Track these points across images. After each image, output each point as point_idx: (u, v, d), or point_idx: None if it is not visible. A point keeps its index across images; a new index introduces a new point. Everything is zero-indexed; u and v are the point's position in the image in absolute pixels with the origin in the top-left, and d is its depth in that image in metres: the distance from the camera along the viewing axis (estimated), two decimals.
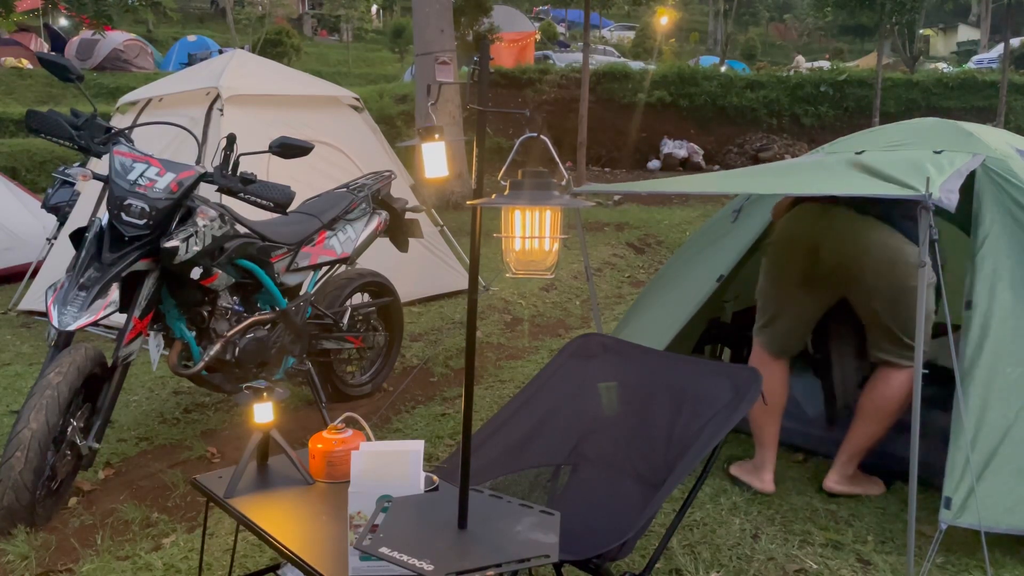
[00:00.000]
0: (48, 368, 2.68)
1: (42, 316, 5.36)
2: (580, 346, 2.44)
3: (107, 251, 2.70)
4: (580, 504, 2.12)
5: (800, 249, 2.80)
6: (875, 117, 12.97)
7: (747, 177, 2.81)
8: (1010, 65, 14.18)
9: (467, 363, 1.61)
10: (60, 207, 5.99)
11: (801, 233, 2.80)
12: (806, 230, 2.79)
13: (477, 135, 1.63)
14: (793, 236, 2.82)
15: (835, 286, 2.81)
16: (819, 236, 2.75)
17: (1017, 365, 2.46)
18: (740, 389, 2.07)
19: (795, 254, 2.82)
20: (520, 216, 1.58)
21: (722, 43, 27.21)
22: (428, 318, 5.30)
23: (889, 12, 13.42)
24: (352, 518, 1.63)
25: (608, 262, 7.03)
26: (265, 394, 2.03)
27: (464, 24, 14.23)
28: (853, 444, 2.86)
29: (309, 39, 29.42)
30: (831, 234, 2.72)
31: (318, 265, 3.44)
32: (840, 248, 2.71)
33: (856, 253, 2.69)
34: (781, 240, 2.87)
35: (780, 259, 2.88)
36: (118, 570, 2.47)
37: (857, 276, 2.72)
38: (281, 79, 5.11)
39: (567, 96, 14.12)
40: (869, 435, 2.82)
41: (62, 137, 2.83)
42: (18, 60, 19.80)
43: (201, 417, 3.77)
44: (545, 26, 28.63)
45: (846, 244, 2.70)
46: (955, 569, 2.45)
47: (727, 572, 2.43)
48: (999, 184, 2.66)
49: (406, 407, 3.89)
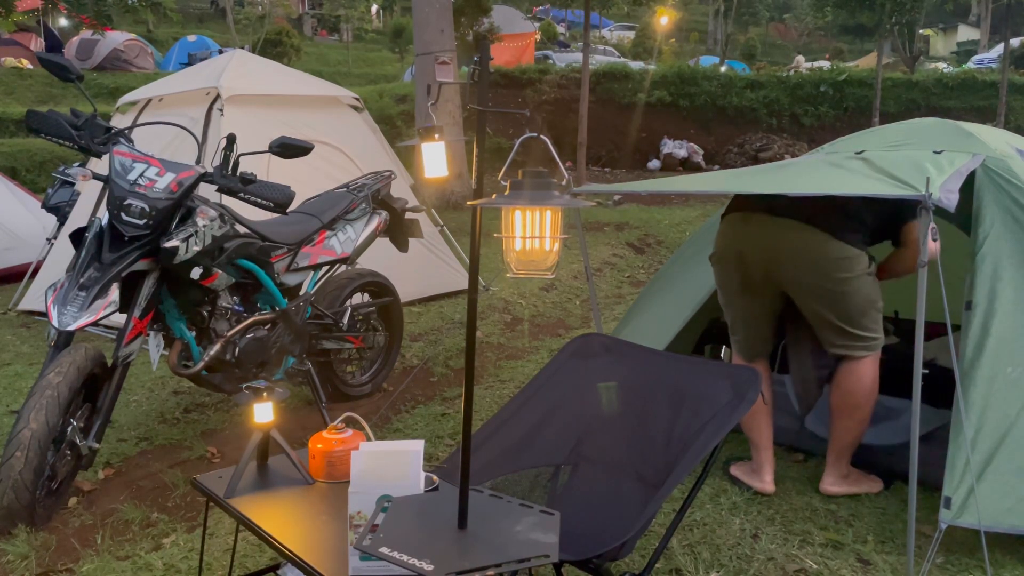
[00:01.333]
0: (48, 368, 2.68)
1: (42, 316, 5.36)
2: (580, 346, 2.44)
3: (107, 251, 2.70)
4: (580, 504, 2.12)
5: (731, 258, 2.87)
6: (875, 117, 12.98)
7: (746, 176, 2.81)
8: (1010, 65, 14.18)
9: (467, 363, 1.61)
10: (60, 207, 5.99)
11: (730, 243, 2.87)
12: (733, 239, 2.85)
13: (477, 135, 1.63)
14: (725, 246, 2.89)
15: (772, 289, 2.86)
16: (742, 243, 2.82)
17: (1017, 365, 2.46)
18: (740, 389, 2.07)
19: (728, 263, 2.89)
20: (520, 216, 1.58)
21: (722, 43, 27.22)
22: (428, 318, 5.30)
23: (889, 12, 13.43)
24: (352, 518, 1.63)
25: (608, 262, 7.03)
26: (265, 394, 2.03)
27: (464, 24, 14.23)
28: (836, 442, 2.89)
29: (309, 39, 29.43)
30: (753, 240, 2.79)
31: (318, 265, 3.44)
32: (762, 253, 2.77)
33: (777, 256, 2.73)
34: (717, 252, 2.94)
35: (719, 270, 2.95)
36: (118, 570, 2.47)
37: (788, 278, 2.76)
38: (281, 79, 5.11)
39: (567, 96, 14.13)
40: (848, 430, 2.85)
41: (62, 137, 2.83)
42: (18, 60, 19.81)
43: (201, 417, 3.77)
44: (545, 26, 28.63)
45: (766, 248, 2.76)
46: (955, 569, 2.45)
47: (727, 572, 2.43)
48: (999, 184, 2.66)
49: (406, 407, 3.89)
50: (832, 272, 2.68)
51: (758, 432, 2.93)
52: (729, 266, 2.89)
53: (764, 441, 2.94)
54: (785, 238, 2.71)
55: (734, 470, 3.04)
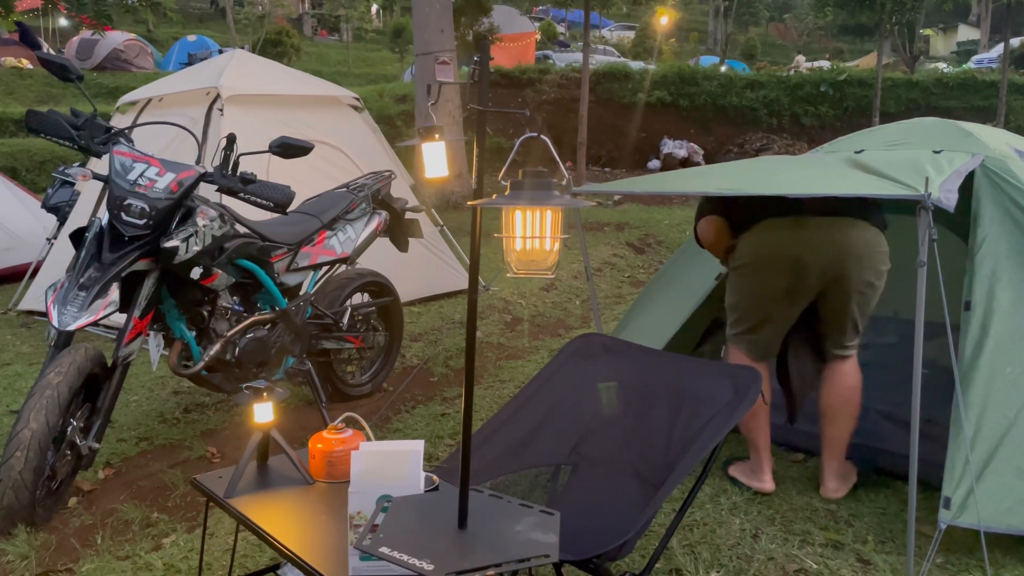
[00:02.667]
0: (48, 368, 2.68)
1: (42, 316, 5.37)
2: (580, 346, 2.44)
3: (107, 251, 2.70)
4: (580, 504, 2.12)
5: (782, 265, 2.76)
6: (875, 117, 12.98)
7: (746, 177, 2.80)
8: (1010, 65, 14.18)
9: (467, 363, 1.62)
10: (60, 207, 5.99)
11: (780, 249, 2.75)
12: (785, 245, 2.74)
13: (477, 135, 1.63)
14: (771, 254, 2.77)
15: (817, 292, 2.81)
16: (800, 248, 2.71)
17: (1016, 365, 2.46)
18: (740, 389, 2.07)
19: (774, 270, 2.78)
20: (520, 216, 1.59)
21: (722, 43, 27.22)
22: (428, 318, 5.30)
23: (889, 12, 13.42)
24: (352, 518, 1.63)
25: (608, 262, 7.04)
26: (265, 394, 2.03)
27: (464, 24, 14.23)
28: (836, 443, 2.89)
29: (309, 39, 29.42)
30: (814, 244, 2.70)
31: (318, 265, 3.44)
32: (826, 256, 2.71)
33: (843, 257, 2.70)
34: (759, 260, 2.80)
35: (757, 277, 2.83)
36: (118, 570, 2.47)
37: (845, 277, 2.74)
38: (281, 79, 5.11)
39: (567, 96, 14.12)
40: (846, 427, 2.88)
41: (62, 137, 2.83)
42: (18, 60, 19.80)
43: (201, 417, 3.77)
44: (545, 26, 28.63)
45: (831, 251, 2.70)
46: (955, 569, 2.45)
47: (727, 572, 2.43)
48: (998, 185, 2.66)
49: (406, 407, 3.89)
50: (879, 266, 2.73)
51: (757, 432, 2.93)
52: (774, 273, 2.77)
53: (763, 441, 2.94)
54: (850, 236, 2.68)
55: (733, 470, 3.04)
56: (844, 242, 2.68)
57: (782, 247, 2.74)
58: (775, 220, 2.76)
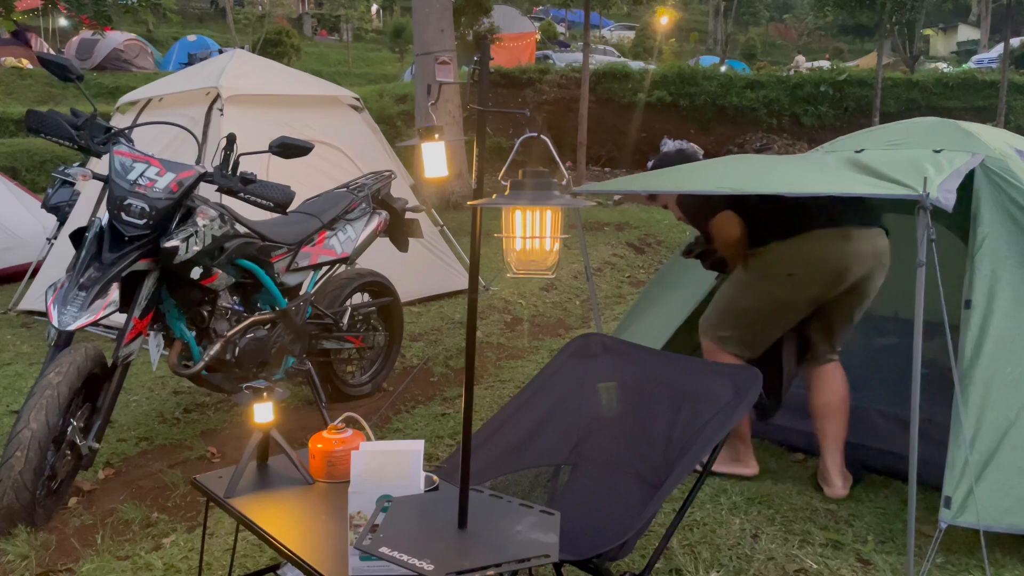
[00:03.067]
0: (48, 368, 2.68)
1: (42, 316, 5.36)
2: (580, 346, 2.44)
3: (107, 251, 2.70)
4: (580, 504, 2.12)
5: (829, 276, 2.75)
6: (875, 117, 12.97)
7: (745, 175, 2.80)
8: (1010, 65, 14.18)
9: (467, 363, 1.62)
10: (60, 207, 5.99)
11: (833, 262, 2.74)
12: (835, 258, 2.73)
13: (477, 135, 1.63)
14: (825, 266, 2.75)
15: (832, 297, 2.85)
16: (850, 261, 2.73)
17: (1016, 365, 2.46)
18: (740, 389, 2.08)
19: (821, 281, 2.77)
20: (521, 216, 1.59)
21: (722, 43, 27.22)
22: (428, 318, 5.30)
23: (889, 12, 13.43)
24: (352, 518, 1.63)
25: (608, 262, 7.03)
26: (265, 394, 2.03)
27: (464, 24, 14.23)
28: (835, 441, 2.94)
29: (309, 39, 29.42)
30: (860, 257, 2.75)
31: (318, 265, 3.44)
32: (866, 265, 2.78)
33: (875, 265, 2.80)
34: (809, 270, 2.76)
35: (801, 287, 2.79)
36: (118, 570, 2.47)
37: (871, 286, 2.84)
38: (281, 79, 5.12)
39: (567, 96, 14.12)
40: (844, 425, 2.95)
41: (62, 137, 2.83)
42: (18, 60, 19.81)
43: (201, 417, 3.77)
44: (545, 26, 28.63)
45: (870, 261, 2.78)
46: (955, 569, 2.45)
47: (727, 572, 2.43)
48: (998, 184, 2.66)
49: (406, 407, 3.89)
50: (886, 271, 2.84)
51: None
52: (816, 283, 2.76)
53: (744, 430, 3.04)
54: (880, 247, 2.79)
55: (717, 467, 3.06)
56: (878, 253, 2.79)
57: (833, 258, 2.74)
58: (824, 231, 2.75)
